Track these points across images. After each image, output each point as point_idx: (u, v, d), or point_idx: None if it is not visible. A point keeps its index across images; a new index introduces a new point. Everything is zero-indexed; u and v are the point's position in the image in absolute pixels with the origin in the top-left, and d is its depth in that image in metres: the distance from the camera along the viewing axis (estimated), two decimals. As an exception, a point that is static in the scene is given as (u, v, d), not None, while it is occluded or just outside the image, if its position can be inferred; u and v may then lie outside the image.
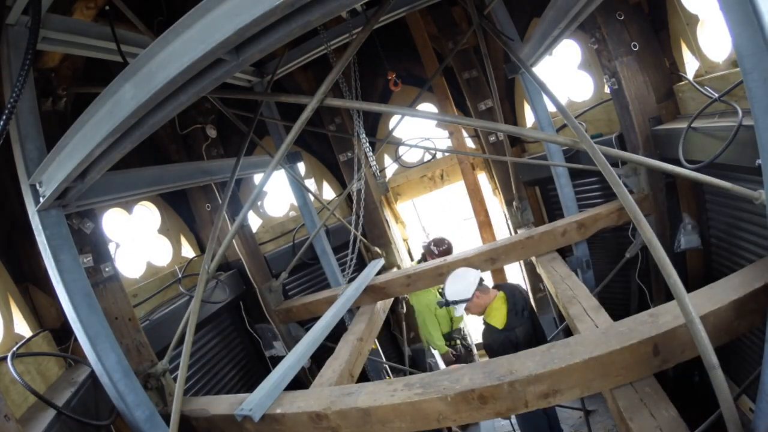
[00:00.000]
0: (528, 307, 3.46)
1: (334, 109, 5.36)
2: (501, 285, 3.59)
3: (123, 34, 2.60)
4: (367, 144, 3.99)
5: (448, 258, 4.37)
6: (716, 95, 2.82)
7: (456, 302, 3.38)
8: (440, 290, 3.84)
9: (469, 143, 5.72)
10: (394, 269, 5.45)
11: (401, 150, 6.15)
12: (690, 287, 1.98)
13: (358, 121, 3.93)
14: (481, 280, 3.43)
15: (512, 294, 3.43)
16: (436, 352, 5.31)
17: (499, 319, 3.27)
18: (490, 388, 2.17)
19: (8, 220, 2.67)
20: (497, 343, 3.22)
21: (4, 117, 1.84)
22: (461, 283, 3.36)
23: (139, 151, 2.37)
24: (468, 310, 3.41)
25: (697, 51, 3.17)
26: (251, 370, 4.53)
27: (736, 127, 2.44)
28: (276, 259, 4.89)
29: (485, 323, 3.36)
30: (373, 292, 4.36)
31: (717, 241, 3.48)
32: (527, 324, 3.32)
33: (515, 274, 6.23)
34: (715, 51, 3.03)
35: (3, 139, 1.88)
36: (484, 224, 5.69)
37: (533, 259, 4.29)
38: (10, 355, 2.23)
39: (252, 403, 2.56)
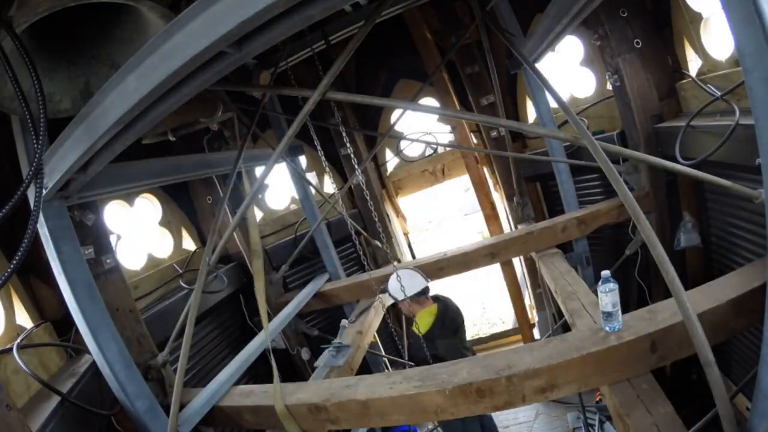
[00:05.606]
0: (458, 324, 3.85)
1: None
2: (439, 298, 3.94)
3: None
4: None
5: (448, 252, 4.37)
6: (719, 93, 2.81)
7: (391, 296, 3.76)
8: None
9: (471, 138, 5.71)
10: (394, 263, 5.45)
11: (402, 144, 6.14)
12: (690, 286, 1.99)
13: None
14: (423, 290, 3.76)
15: (445, 308, 3.81)
16: None
17: (422, 326, 3.65)
18: (488, 382, 2.18)
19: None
20: (414, 346, 3.79)
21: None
22: (401, 284, 3.47)
23: (140, 143, 2.37)
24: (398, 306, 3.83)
25: (700, 49, 3.16)
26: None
27: (732, 126, 2.44)
28: (277, 251, 4.89)
29: (413, 328, 3.70)
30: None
31: (717, 240, 3.48)
32: (451, 337, 3.70)
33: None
34: (718, 49, 3.02)
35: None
36: (491, 217, 5.70)
37: (533, 254, 4.30)
38: (15, 346, 2.26)
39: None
